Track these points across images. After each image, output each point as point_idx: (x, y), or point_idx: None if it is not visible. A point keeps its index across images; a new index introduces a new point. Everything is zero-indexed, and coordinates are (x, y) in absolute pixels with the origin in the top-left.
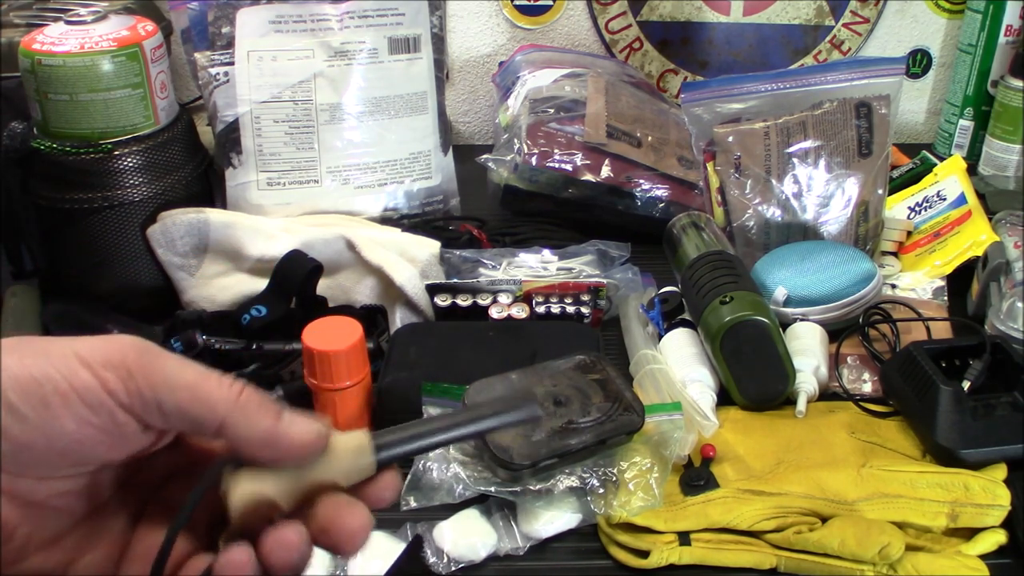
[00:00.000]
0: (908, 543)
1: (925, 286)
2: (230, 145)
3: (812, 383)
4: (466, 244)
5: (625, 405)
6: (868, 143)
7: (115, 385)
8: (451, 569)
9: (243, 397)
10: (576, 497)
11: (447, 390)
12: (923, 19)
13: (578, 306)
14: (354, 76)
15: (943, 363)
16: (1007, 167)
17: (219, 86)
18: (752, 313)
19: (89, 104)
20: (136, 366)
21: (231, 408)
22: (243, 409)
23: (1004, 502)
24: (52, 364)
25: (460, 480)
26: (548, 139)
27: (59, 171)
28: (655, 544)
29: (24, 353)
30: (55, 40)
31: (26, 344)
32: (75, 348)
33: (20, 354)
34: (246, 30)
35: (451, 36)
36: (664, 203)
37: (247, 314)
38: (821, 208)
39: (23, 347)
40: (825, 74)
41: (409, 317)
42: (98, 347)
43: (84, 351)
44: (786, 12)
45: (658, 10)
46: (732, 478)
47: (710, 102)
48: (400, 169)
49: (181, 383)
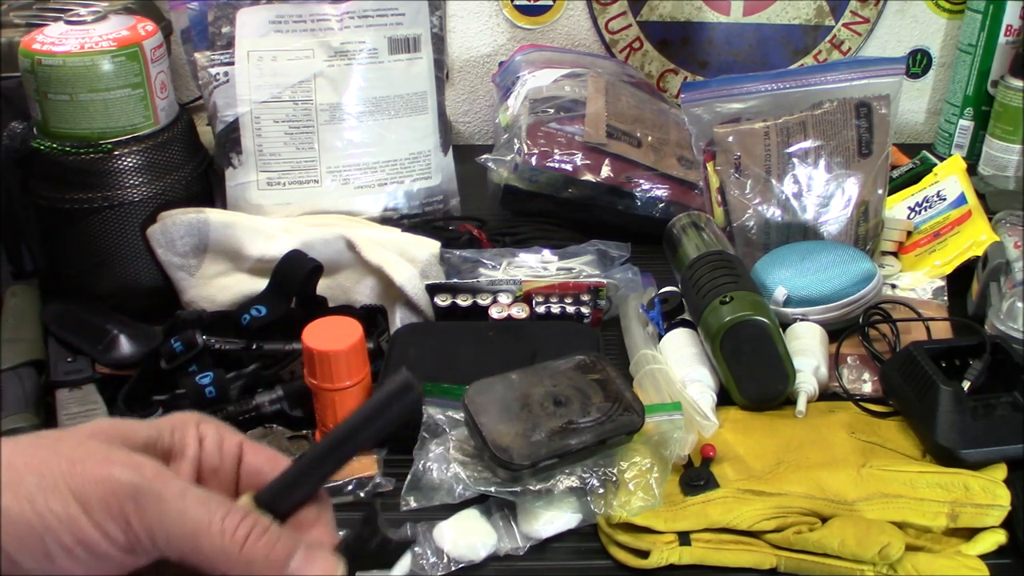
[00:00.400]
0: (908, 543)
1: (925, 286)
2: (230, 145)
3: (812, 383)
4: (466, 244)
5: (625, 405)
6: (868, 143)
7: (116, 535)
8: (451, 569)
9: (247, 548)
10: (576, 497)
11: (447, 390)
12: (923, 19)
13: (578, 306)
14: (354, 76)
15: (943, 363)
16: (1007, 167)
17: (219, 86)
18: (752, 313)
19: (89, 104)
20: (134, 516)
21: (233, 563)
22: (247, 565)
23: (1004, 502)
24: (49, 509)
25: (460, 480)
26: (548, 139)
27: (59, 171)
28: (655, 544)
29: (19, 489)
30: (55, 40)
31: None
32: (69, 484)
33: (15, 492)
34: (246, 30)
35: (451, 36)
36: (664, 203)
37: (247, 314)
38: (821, 208)
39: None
40: (825, 74)
41: (409, 317)
42: (93, 486)
43: (79, 489)
44: (786, 12)
45: (658, 10)
46: (732, 478)
47: (710, 102)
48: (400, 169)
49: (181, 534)
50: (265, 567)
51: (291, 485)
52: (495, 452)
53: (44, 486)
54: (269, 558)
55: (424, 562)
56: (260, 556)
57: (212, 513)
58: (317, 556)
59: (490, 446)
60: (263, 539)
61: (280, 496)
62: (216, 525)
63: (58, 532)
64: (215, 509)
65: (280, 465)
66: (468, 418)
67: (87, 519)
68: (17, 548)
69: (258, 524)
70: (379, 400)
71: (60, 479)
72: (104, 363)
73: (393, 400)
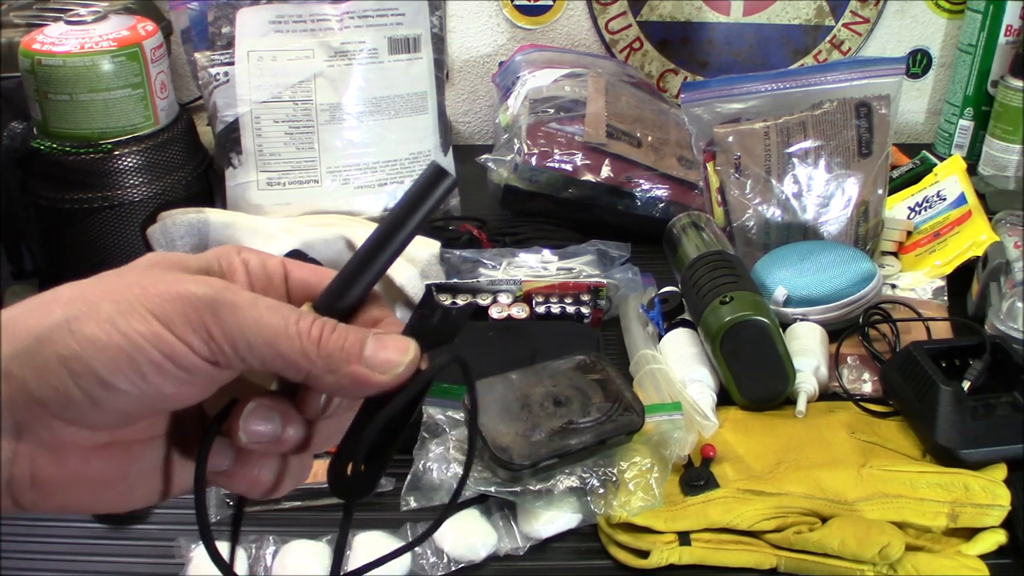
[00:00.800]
0: (908, 543)
1: (925, 286)
2: (230, 145)
3: (812, 383)
4: (466, 244)
5: (625, 405)
6: (868, 143)
7: (200, 347)
8: (451, 569)
9: (323, 344)
10: (576, 497)
11: (447, 390)
12: (923, 19)
13: (578, 306)
14: (354, 76)
15: (943, 363)
16: (1007, 167)
17: (219, 86)
18: (752, 313)
19: (89, 104)
20: (215, 326)
21: (313, 361)
22: (326, 359)
23: (1004, 502)
24: (133, 329)
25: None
26: (548, 139)
27: (59, 171)
28: (655, 544)
29: (99, 317)
30: (55, 40)
31: (92, 303)
32: (146, 305)
33: (96, 319)
34: (246, 30)
35: (451, 36)
36: (664, 203)
37: None
38: (821, 208)
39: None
40: (825, 74)
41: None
42: (171, 303)
43: (157, 308)
44: (786, 12)
45: (658, 10)
46: (732, 478)
47: (710, 102)
48: (400, 169)
49: (261, 340)
50: (342, 358)
51: (346, 285)
52: (495, 452)
53: (123, 310)
54: (344, 349)
55: (424, 562)
56: (336, 349)
57: (286, 318)
58: (387, 340)
59: (490, 446)
60: (335, 334)
61: (338, 298)
62: (292, 328)
63: (146, 350)
64: (288, 314)
65: (325, 274)
66: (468, 418)
67: (170, 334)
68: (111, 371)
69: (327, 323)
70: (417, 187)
71: (136, 302)
72: None
73: (430, 186)
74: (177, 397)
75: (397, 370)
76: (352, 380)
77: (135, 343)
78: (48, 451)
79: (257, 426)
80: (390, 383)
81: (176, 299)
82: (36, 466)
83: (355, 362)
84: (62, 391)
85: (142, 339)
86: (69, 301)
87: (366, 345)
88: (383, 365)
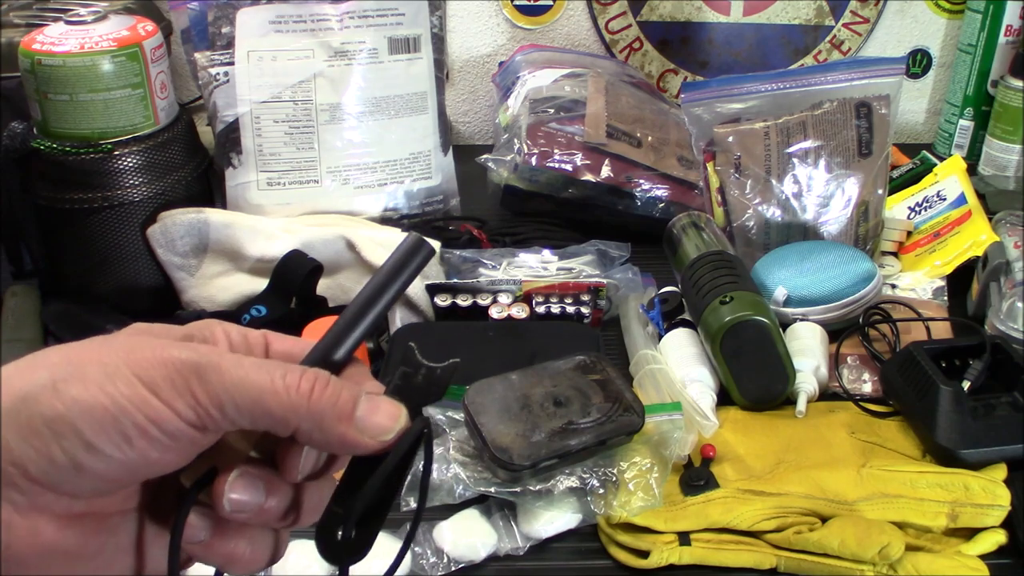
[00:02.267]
0: (908, 543)
1: (925, 286)
2: (230, 145)
3: (812, 383)
4: (466, 244)
5: (625, 405)
6: (868, 143)
7: (186, 412)
8: (451, 569)
9: (314, 400)
10: (576, 497)
11: (447, 390)
12: (923, 19)
13: (578, 306)
14: (354, 76)
15: (943, 363)
16: (1007, 167)
17: (219, 86)
18: (752, 313)
19: (89, 104)
20: (200, 389)
21: (302, 417)
22: (315, 417)
23: (1004, 502)
24: (120, 392)
25: (460, 480)
26: (548, 139)
27: (59, 171)
28: (655, 544)
29: (86, 379)
30: (55, 40)
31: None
32: (132, 370)
33: (83, 381)
34: (246, 30)
35: (451, 36)
36: (664, 203)
37: (247, 314)
38: (821, 208)
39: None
40: (825, 74)
41: (409, 317)
42: (156, 368)
43: (143, 373)
44: (786, 12)
45: (658, 10)
46: (732, 478)
47: (710, 102)
48: (400, 169)
49: (247, 399)
50: (333, 416)
51: (326, 354)
52: (495, 452)
53: (109, 373)
54: (337, 406)
55: (424, 562)
56: (328, 405)
57: (272, 373)
58: (380, 403)
59: (490, 446)
60: (328, 389)
61: (320, 364)
62: (279, 383)
63: (132, 414)
64: (274, 369)
65: (306, 346)
66: (468, 418)
67: (156, 398)
68: (96, 433)
69: (319, 376)
70: (397, 257)
71: (122, 364)
72: None
73: (409, 256)
74: (160, 463)
75: (386, 437)
76: (341, 441)
77: (121, 406)
78: (23, 518)
79: (241, 495)
80: (377, 448)
81: (161, 363)
82: (11, 535)
83: (346, 422)
84: (44, 453)
85: (128, 402)
86: (55, 363)
87: (358, 405)
88: (373, 430)
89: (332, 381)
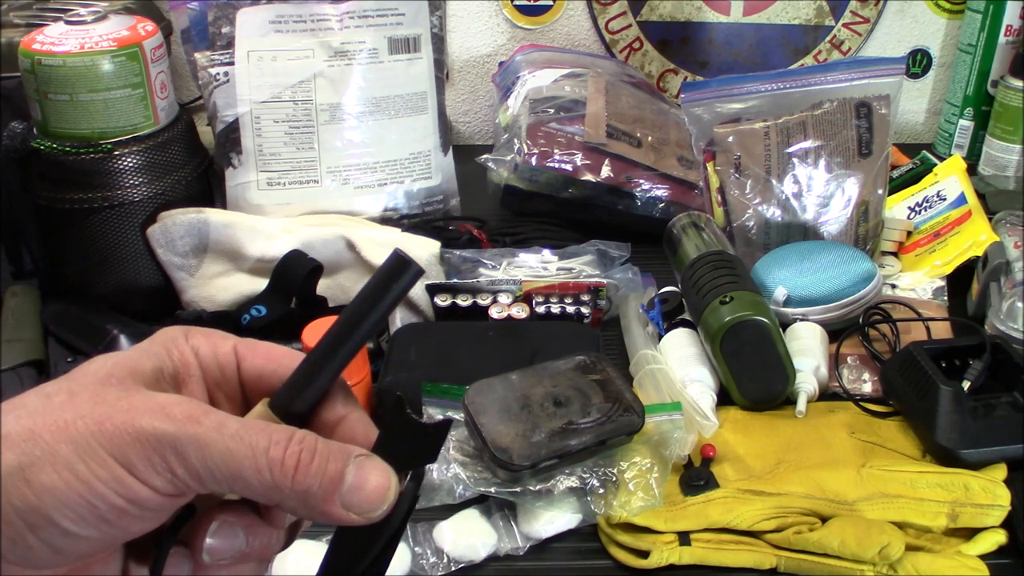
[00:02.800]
0: (908, 543)
1: (925, 286)
2: (230, 145)
3: (812, 383)
4: (466, 244)
5: (625, 406)
6: (868, 143)
7: (165, 487)
8: (451, 569)
9: (298, 479)
10: (576, 497)
11: (447, 390)
12: (923, 19)
13: (578, 306)
14: (354, 76)
15: (943, 363)
16: (1007, 167)
17: (219, 86)
18: (752, 313)
19: (89, 104)
20: (179, 466)
21: (286, 495)
22: (299, 495)
23: (1004, 502)
24: (94, 474)
25: (460, 480)
26: (548, 139)
27: (59, 171)
28: (655, 544)
29: (56, 462)
30: (55, 40)
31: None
32: (105, 447)
33: (53, 465)
34: (246, 30)
35: (451, 36)
36: (664, 203)
37: (247, 314)
38: (821, 208)
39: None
40: (825, 74)
41: (409, 317)
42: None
43: (117, 451)
44: (786, 12)
45: (658, 10)
46: (732, 478)
47: (710, 102)
48: (400, 169)
49: (228, 475)
50: (319, 495)
51: (304, 384)
52: (495, 452)
53: (81, 452)
54: (322, 484)
55: (424, 562)
56: (313, 483)
57: (255, 447)
58: (369, 468)
59: (490, 446)
60: (314, 464)
61: (296, 398)
62: (261, 459)
63: (108, 497)
64: (257, 442)
65: (278, 359)
66: (468, 418)
67: (133, 478)
68: (73, 521)
69: (305, 448)
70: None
71: (94, 442)
72: None
73: (391, 279)
74: (141, 529)
75: (374, 514)
76: (326, 519)
77: (96, 491)
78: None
79: (221, 544)
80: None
81: (136, 439)
82: None
83: (331, 501)
84: (20, 542)
85: (103, 486)
86: (21, 442)
87: (345, 477)
88: (360, 507)
89: (319, 452)
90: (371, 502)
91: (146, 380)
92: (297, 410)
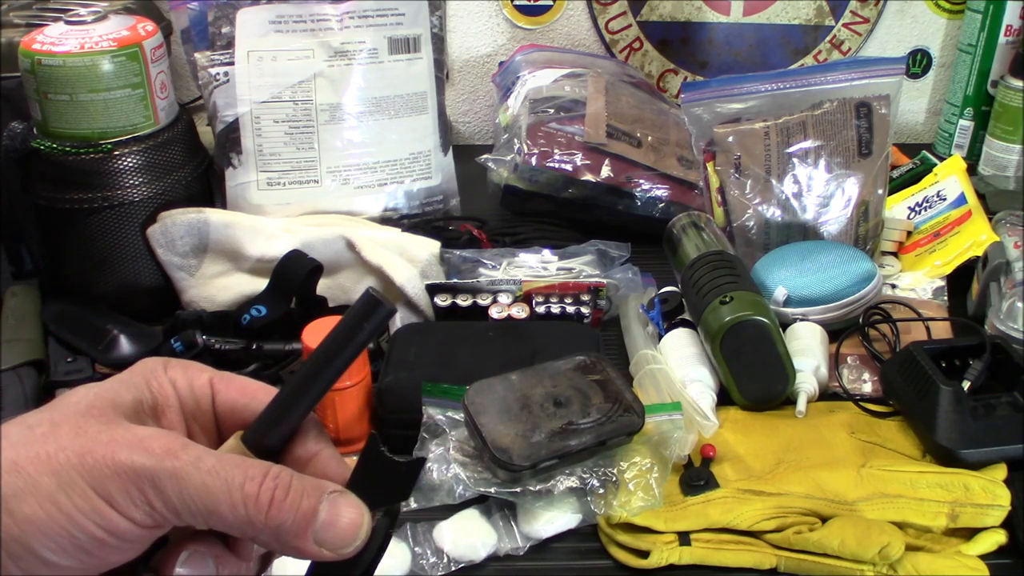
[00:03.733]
0: (908, 543)
1: (925, 286)
2: (230, 145)
3: (812, 383)
4: (466, 244)
5: (625, 406)
6: (868, 143)
7: (143, 519)
8: (451, 569)
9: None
10: (576, 497)
11: (447, 390)
12: (923, 19)
13: (578, 306)
14: (354, 76)
15: (943, 363)
16: (1007, 167)
17: (219, 86)
18: (752, 313)
19: (89, 104)
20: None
21: (259, 530)
22: (272, 531)
23: (1004, 502)
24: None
25: (460, 480)
26: (548, 139)
27: (59, 171)
28: (655, 544)
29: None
30: (55, 40)
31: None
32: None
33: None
34: (246, 30)
35: (451, 36)
36: (664, 203)
37: (247, 314)
38: (821, 208)
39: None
40: (825, 74)
41: (409, 317)
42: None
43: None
44: (786, 12)
45: (658, 10)
46: (732, 478)
47: (710, 102)
48: (400, 169)
49: (203, 509)
50: (291, 531)
51: (276, 420)
52: (495, 453)
53: (63, 485)
54: (295, 521)
55: (424, 562)
56: (287, 519)
57: (231, 483)
58: (342, 504)
59: (490, 447)
60: (288, 500)
61: (268, 432)
62: (236, 495)
63: (88, 528)
64: (233, 477)
65: (253, 393)
66: (468, 418)
67: (112, 510)
68: (53, 551)
69: (279, 484)
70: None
71: (75, 474)
72: (104, 363)
73: (363, 318)
74: (119, 560)
75: (347, 550)
76: (299, 554)
77: (77, 523)
78: None
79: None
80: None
81: (115, 473)
82: None
83: (304, 537)
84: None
85: (84, 517)
86: (4, 474)
87: (319, 513)
88: (332, 543)
89: (293, 488)
90: (343, 538)
91: (126, 412)
92: (268, 445)
